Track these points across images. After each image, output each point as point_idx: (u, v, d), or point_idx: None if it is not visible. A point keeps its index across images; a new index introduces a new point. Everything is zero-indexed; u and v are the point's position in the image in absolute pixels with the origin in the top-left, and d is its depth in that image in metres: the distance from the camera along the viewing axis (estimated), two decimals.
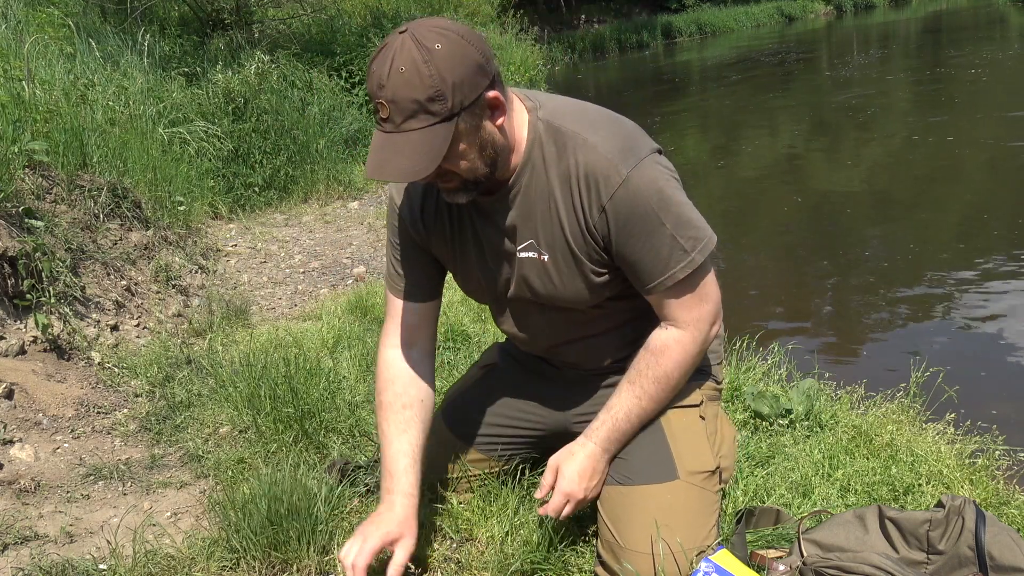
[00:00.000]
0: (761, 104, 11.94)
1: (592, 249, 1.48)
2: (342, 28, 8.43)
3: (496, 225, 1.52)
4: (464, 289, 1.72)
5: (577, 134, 1.43)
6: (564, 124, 1.45)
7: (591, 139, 1.42)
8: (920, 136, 8.31)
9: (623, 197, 1.40)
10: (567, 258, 1.49)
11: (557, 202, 1.45)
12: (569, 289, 1.52)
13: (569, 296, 1.54)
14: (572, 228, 1.46)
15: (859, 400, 2.44)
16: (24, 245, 2.84)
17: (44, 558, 1.79)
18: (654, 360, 1.52)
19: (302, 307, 3.92)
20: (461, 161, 1.36)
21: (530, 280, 1.54)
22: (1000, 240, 5.04)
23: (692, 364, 1.55)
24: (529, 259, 1.52)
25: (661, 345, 1.52)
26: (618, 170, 1.39)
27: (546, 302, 1.57)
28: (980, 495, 1.89)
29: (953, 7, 30.16)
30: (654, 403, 1.55)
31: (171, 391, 2.69)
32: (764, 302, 4.39)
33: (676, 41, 27.57)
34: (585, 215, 1.44)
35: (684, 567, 1.46)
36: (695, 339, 1.52)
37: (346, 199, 6.19)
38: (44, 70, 4.57)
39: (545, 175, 1.45)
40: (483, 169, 1.39)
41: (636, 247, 1.43)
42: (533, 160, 1.45)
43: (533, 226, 1.49)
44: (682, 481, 1.54)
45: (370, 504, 1.86)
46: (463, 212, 1.56)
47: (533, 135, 1.45)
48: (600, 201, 1.41)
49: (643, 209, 1.40)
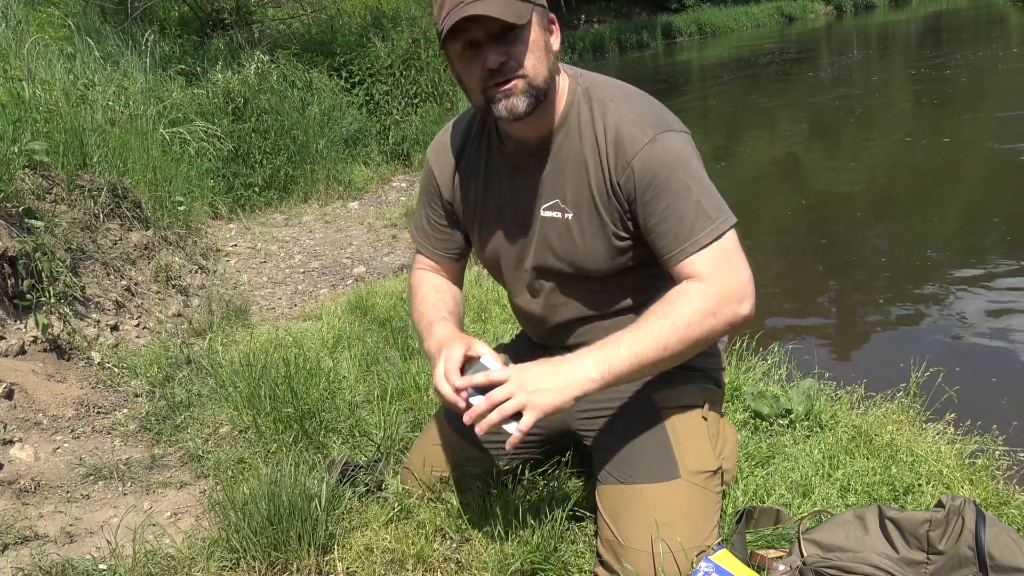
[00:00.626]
0: (761, 104, 11.94)
1: (616, 211, 1.50)
2: (342, 28, 8.42)
3: (525, 182, 1.57)
4: (483, 258, 1.74)
5: (611, 102, 1.50)
6: (601, 93, 1.52)
7: (624, 107, 1.49)
8: (920, 136, 8.31)
9: (649, 156, 1.44)
10: (591, 218, 1.52)
11: (587, 162, 1.50)
12: (589, 250, 1.54)
13: (588, 258, 1.55)
14: (599, 187, 1.50)
15: (859, 400, 2.44)
16: (24, 245, 2.84)
17: (44, 558, 1.79)
18: (667, 301, 1.41)
19: (302, 307, 3.92)
20: (532, 53, 1.41)
21: (551, 241, 1.57)
22: (1000, 240, 5.04)
23: (705, 324, 1.38)
24: (552, 219, 1.56)
25: (678, 291, 1.41)
26: (646, 132, 1.45)
27: (564, 267, 1.58)
28: (980, 495, 1.89)
29: (953, 7, 30.15)
30: (657, 346, 1.37)
31: (171, 391, 2.69)
32: (764, 302, 4.38)
33: (676, 41, 27.57)
34: (613, 173, 1.48)
35: (684, 566, 1.46)
36: (717, 297, 1.39)
37: (346, 199, 6.19)
38: (44, 70, 4.57)
39: (579, 136, 1.51)
40: (544, 75, 1.44)
41: (661, 208, 1.44)
42: (569, 121, 1.52)
43: (561, 185, 1.54)
44: (684, 480, 1.54)
45: (370, 504, 1.87)
46: (494, 170, 1.62)
47: (571, 98, 1.52)
48: (627, 158, 1.45)
49: (669, 170, 1.43)
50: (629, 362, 1.37)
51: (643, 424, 1.62)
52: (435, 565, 1.69)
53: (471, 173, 1.66)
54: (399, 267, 4.50)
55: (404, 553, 1.69)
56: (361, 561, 1.69)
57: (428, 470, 1.83)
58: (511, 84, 1.41)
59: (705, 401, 1.65)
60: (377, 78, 7.70)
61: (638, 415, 1.63)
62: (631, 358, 1.37)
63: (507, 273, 1.72)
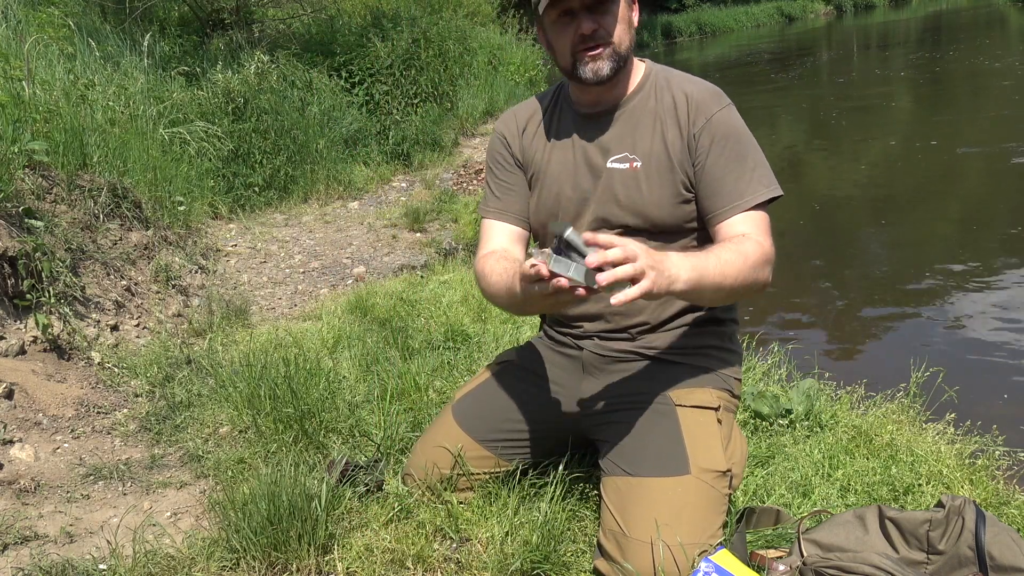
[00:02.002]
0: (760, 104, 11.94)
1: (687, 161, 1.62)
2: (342, 28, 8.41)
3: (594, 137, 1.69)
4: (538, 216, 1.77)
5: (687, 78, 1.69)
6: (675, 73, 1.71)
7: (698, 83, 1.68)
8: (920, 136, 8.31)
9: (725, 116, 1.62)
10: (662, 167, 1.63)
11: (664, 118, 1.65)
12: (655, 197, 1.63)
13: (652, 205, 1.63)
14: (674, 139, 1.63)
15: (859, 400, 2.44)
16: (24, 245, 2.84)
17: (44, 558, 1.79)
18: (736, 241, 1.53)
19: (302, 307, 3.92)
20: (619, 24, 1.59)
21: (615, 189, 1.66)
22: (1000, 240, 5.04)
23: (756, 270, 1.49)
24: (619, 170, 1.65)
25: (740, 238, 1.54)
26: (720, 100, 1.64)
27: (627, 216, 1.64)
28: (980, 495, 1.89)
29: (953, 7, 30.15)
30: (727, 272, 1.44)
31: (171, 391, 2.69)
32: (764, 302, 4.38)
33: (676, 41, 27.57)
34: (691, 126, 1.62)
35: (685, 564, 1.46)
36: (765, 255, 1.53)
37: (346, 199, 6.19)
38: (44, 70, 4.56)
39: (655, 99, 1.67)
40: (627, 44, 1.61)
41: (724, 165, 1.59)
42: (645, 88, 1.68)
43: (633, 139, 1.66)
44: (693, 477, 1.54)
45: (370, 504, 1.87)
46: (566, 130, 1.72)
47: (649, 70, 1.71)
48: (706, 115, 1.61)
49: (736, 135, 1.61)
50: (711, 277, 1.42)
51: (657, 419, 1.63)
52: (435, 565, 1.69)
53: (541, 133, 1.77)
54: (399, 267, 4.50)
55: (404, 553, 1.69)
56: (361, 561, 1.69)
57: (428, 470, 1.83)
58: (599, 50, 1.58)
59: (720, 405, 1.67)
60: (377, 78, 7.69)
61: (652, 410, 1.65)
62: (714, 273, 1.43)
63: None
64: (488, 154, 1.86)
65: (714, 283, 1.44)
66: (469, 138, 8.21)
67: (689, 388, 1.67)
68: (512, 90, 9.41)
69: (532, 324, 3.07)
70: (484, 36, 10.90)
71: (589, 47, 1.58)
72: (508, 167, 1.80)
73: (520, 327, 3.07)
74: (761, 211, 1.59)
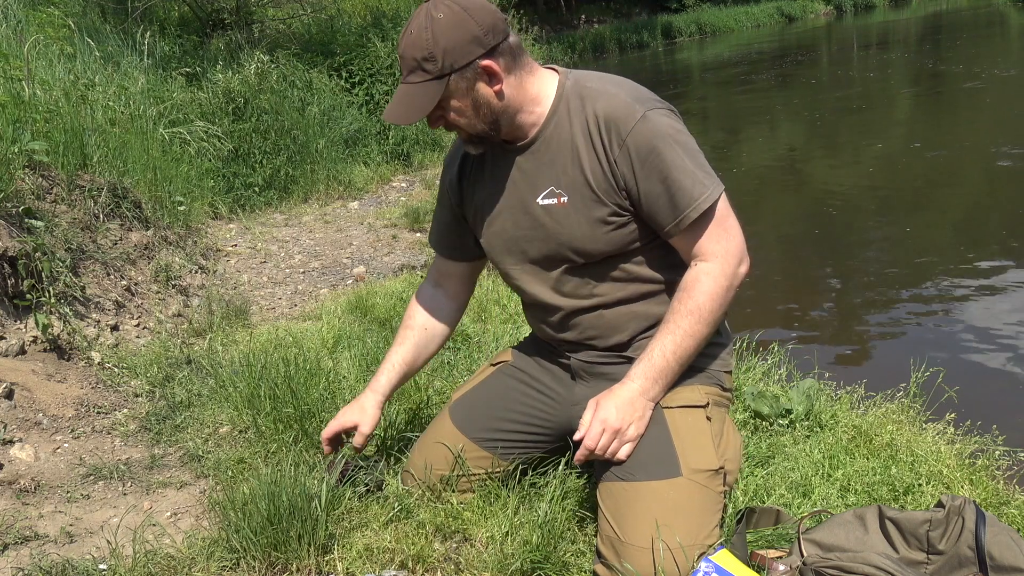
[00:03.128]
0: (760, 104, 11.94)
1: (613, 189, 1.57)
2: (342, 28, 8.42)
3: (521, 176, 1.66)
4: (491, 256, 1.80)
5: (599, 89, 1.59)
6: (588, 83, 1.62)
7: (611, 90, 1.59)
8: (920, 136, 8.31)
9: (641, 131, 1.52)
10: (586, 199, 1.59)
11: (579, 147, 1.58)
12: (586, 231, 1.60)
13: (586, 239, 1.60)
14: (593, 168, 1.57)
15: (859, 400, 2.44)
16: (24, 245, 2.84)
17: (44, 558, 1.79)
18: (686, 295, 1.56)
19: (302, 307, 3.92)
20: (459, 117, 1.57)
21: (548, 226, 1.64)
22: (1001, 240, 5.04)
23: (723, 298, 1.56)
24: (549, 206, 1.63)
25: (691, 279, 1.57)
26: (635, 110, 1.54)
27: (566, 251, 1.63)
28: (980, 495, 1.89)
29: (953, 7, 30.15)
30: (690, 338, 1.55)
31: (171, 391, 2.69)
32: (764, 302, 4.39)
33: (676, 41, 27.57)
34: (607, 153, 1.55)
35: (684, 565, 1.46)
36: (724, 271, 1.55)
37: (346, 199, 6.19)
38: (44, 70, 4.56)
39: (569, 125, 1.60)
40: (481, 126, 1.58)
41: (657, 181, 1.53)
42: (558, 114, 1.61)
43: (555, 172, 1.62)
44: (685, 479, 1.54)
45: (370, 504, 1.87)
46: (498, 169, 1.70)
47: (560, 92, 1.62)
48: (620, 137, 1.53)
49: (662, 143, 1.52)
50: (666, 361, 1.56)
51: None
52: (435, 565, 1.69)
53: (476, 176, 1.76)
54: (399, 267, 4.50)
55: (404, 553, 1.69)
56: (361, 561, 1.70)
57: (428, 470, 1.83)
58: (461, 135, 1.63)
59: (709, 402, 1.66)
60: (377, 78, 7.69)
61: None
62: (665, 359, 1.56)
63: (514, 268, 1.75)
64: (439, 186, 1.90)
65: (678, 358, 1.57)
66: None
67: (675, 388, 1.65)
68: None
69: None
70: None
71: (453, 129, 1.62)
72: (451, 210, 1.84)
73: (520, 327, 3.07)
74: (711, 212, 1.55)
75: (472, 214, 1.78)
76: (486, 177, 1.73)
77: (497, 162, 1.70)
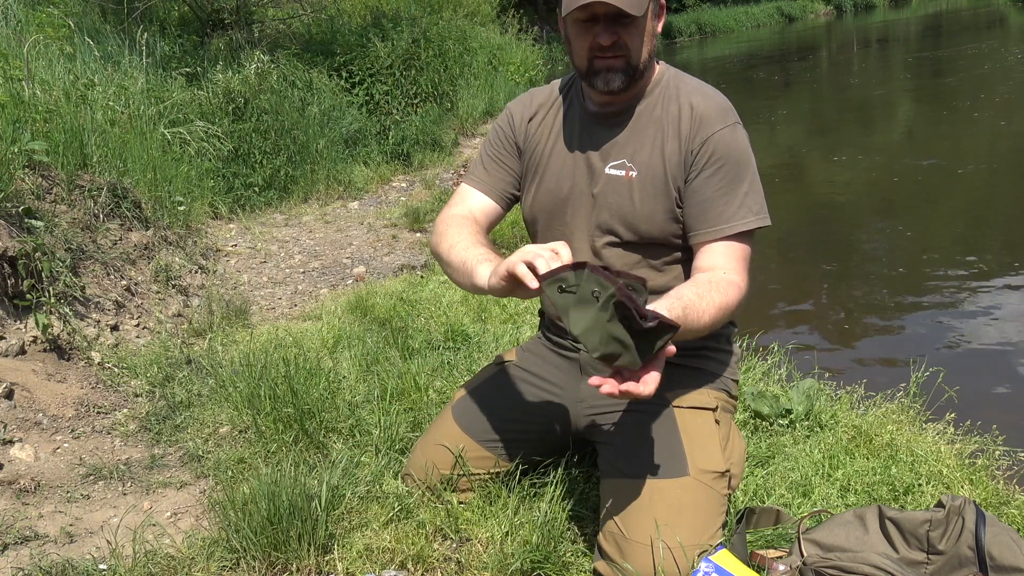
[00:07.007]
0: (760, 105, 11.94)
1: (680, 178, 1.60)
2: (342, 28, 8.42)
3: (598, 139, 1.67)
4: (532, 207, 1.75)
5: (697, 87, 1.66)
6: (688, 79, 1.69)
7: (709, 92, 1.65)
8: (920, 136, 8.31)
9: (726, 137, 1.59)
10: (656, 181, 1.61)
11: (666, 130, 1.62)
12: (646, 210, 1.62)
13: (641, 218, 1.61)
14: (672, 153, 1.61)
15: (859, 400, 2.44)
16: (24, 245, 2.84)
17: (44, 558, 1.79)
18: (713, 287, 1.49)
19: (302, 307, 3.92)
20: (635, 39, 1.57)
21: (608, 196, 1.65)
22: (1000, 240, 5.04)
23: (731, 312, 1.52)
24: (615, 176, 1.64)
25: (723, 280, 1.52)
26: (726, 118, 1.60)
27: (614, 223, 1.63)
28: (980, 495, 1.89)
29: (953, 7, 30.16)
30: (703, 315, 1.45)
31: (171, 391, 2.69)
32: (764, 302, 4.38)
33: (676, 41, 27.57)
34: (690, 141, 1.60)
35: (684, 565, 1.46)
36: (739, 297, 1.53)
37: (346, 199, 6.19)
38: (44, 70, 4.56)
39: (662, 107, 1.64)
40: (644, 57, 1.60)
41: (715, 187, 1.57)
42: (655, 92, 1.66)
43: (634, 147, 1.64)
44: (692, 478, 1.55)
45: (370, 504, 1.87)
46: (571, 124, 1.71)
47: (661, 75, 1.68)
48: (706, 133, 1.58)
49: (735, 157, 1.58)
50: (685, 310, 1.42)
51: (655, 421, 1.63)
52: (435, 565, 1.69)
53: (548, 124, 1.75)
54: (399, 267, 4.50)
55: (404, 553, 1.69)
56: (361, 561, 1.69)
57: (429, 470, 1.83)
58: (615, 61, 1.57)
59: (718, 406, 1.67)
60: (377, 78, 7.69)
61: (651, 413, 1.65)
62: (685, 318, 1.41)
63: (558, 228, 1.73)
64: (493, 127, 1.84)
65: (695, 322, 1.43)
66: (469, 138, 8.21)
67: (686, 389, 1.67)
68: (512, 90, 9.41)
69: (532, 324, 3.07)
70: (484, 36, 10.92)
71: (605, 56, 1.57)
72: (506, 148, 1.80)
73: (520, 327, 3.07)
74: (744, 242, 1.58)
75: (529, 159, 1.76)
76: (557, 131, 1.73)
77: (575, 120, 1.71)
